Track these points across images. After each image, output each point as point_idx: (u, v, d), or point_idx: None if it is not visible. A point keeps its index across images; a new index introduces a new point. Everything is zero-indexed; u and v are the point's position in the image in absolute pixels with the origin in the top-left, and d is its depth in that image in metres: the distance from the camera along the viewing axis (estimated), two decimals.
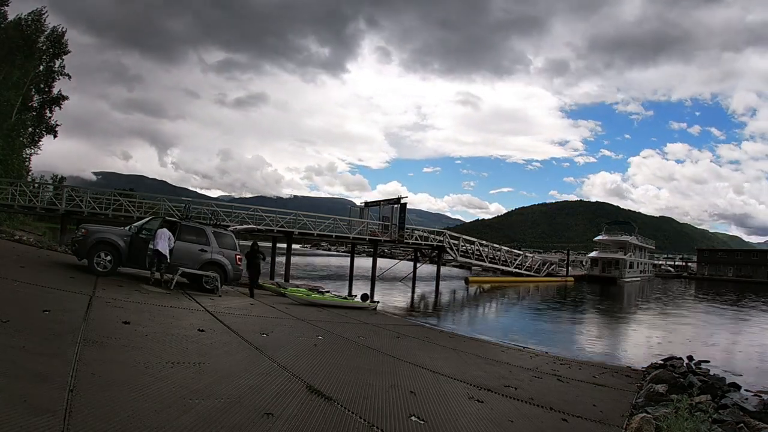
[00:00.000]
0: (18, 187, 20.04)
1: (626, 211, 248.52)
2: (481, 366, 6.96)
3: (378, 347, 7.22)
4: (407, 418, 3.88)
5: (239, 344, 5.89)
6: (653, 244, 61.07)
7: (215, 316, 7.53)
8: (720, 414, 4.96)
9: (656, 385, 6.24)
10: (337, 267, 38.53)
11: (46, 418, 2.64)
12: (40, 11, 29.48)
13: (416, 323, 12.49)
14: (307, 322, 8.87)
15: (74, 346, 4.24)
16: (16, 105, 27.84)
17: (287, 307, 10.66)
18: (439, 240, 29.22)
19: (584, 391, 6.08)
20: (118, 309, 6.52)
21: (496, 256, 34.38)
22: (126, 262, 9.96)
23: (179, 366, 4.35)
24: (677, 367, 8.10)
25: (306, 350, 6.25)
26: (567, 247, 71.03)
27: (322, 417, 3.58)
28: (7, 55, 26.89)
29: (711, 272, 63.67)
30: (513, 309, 20.13)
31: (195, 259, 10.48)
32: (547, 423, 4.48)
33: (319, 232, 24.18)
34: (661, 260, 79.83)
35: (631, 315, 20.61)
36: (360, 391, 4.48)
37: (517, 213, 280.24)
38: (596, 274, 44.61)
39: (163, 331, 5.83)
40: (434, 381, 5.50)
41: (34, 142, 31.86)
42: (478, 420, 4.22)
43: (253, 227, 20.48)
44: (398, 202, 27.19)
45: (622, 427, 4.56)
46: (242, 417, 3.28)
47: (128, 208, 21.01)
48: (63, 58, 31.07)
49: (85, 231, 9.78)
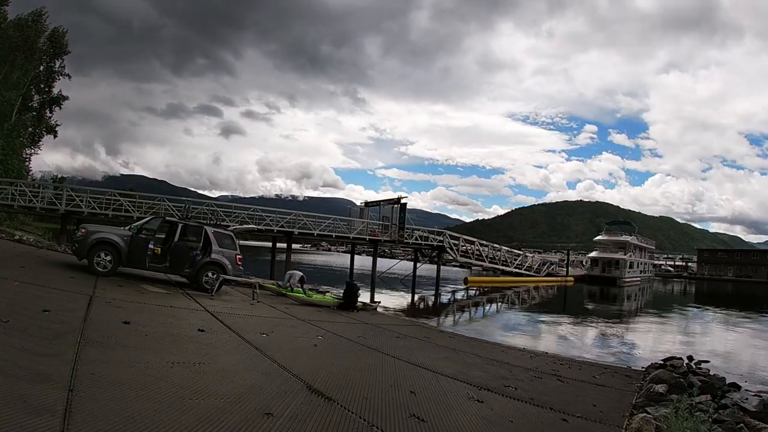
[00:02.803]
0: (18, 187, 20.05)
1: (626, 211, 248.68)
2: (481, 366, 6.95)
3: (378, 347, 7.22)
4: (407, 418, 3.88)
5: (239, 344, 5.89)
6: (653, 244, 61.07)
7: (215, 316, 7.53)
8: (720, 414, 4.95)
9: (656, 385, 6.23)
10: (338, 267, 38.52)
11: (46, 418, 2.64)
12: (40, 11, 29.46)
13: (416, 323, 12.49)
14: (307, 322, 8.87)
15: (74, 346, 4.24)
16: (16, 105, 27.84)
17: (287, 307, 10.67)
18: (439, 240, 29.22)
19: (584, 391, 6.08)
20: (118, 309, 6.52)
21: (496, 256, 34.36)
22: (126, 262, 9.95)
23: (179, 366, 4.35)
24: (677, 367, 8.09)
25: (306, 350, 6.25)
26: (567, 247, 71.09)
27: (322, 417, 3.58)
28: (8, 55, 26.89)
29: (711, 272, 63.68)
30: (513, 309, 20.13)
31: (194, 259, 10.49)
32: (547, 423, 4.48)
33: (319, 232, 24.20)
34: (661, 260, 79.85)
35: (631, 315, 20.62)
36: (360, 391, 4.48)
37: (517, 213, 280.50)
38: (596, 274, 44.59)
39: (163, 331, 5.83)
40: (434, 381, 5.50)
41: (34, 142, 31.89)
42: (478, 420, 4.22)
43: (253, 227, 20.51)
44: (398, 202, 27.20)
45: (622, 427, 4.56)
46: (242, 417, 3.28)
47: (128, 208, 21.02)
48: (63, 58, 31.12)
49: (84, 231, 9.78)
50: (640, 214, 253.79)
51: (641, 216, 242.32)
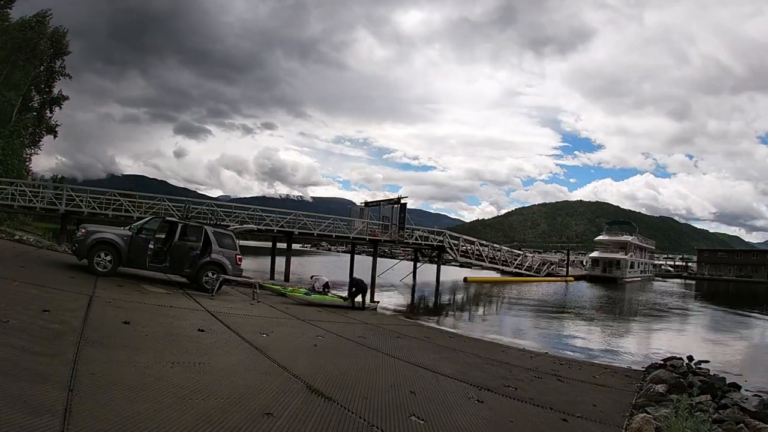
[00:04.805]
0: (18, 187, 20.05)
1: (626, 211, 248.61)
2: (481, 366, 6.95)
3: (378, 347, 7.22)
4: (407, 418, 3.88)
5: (239, 344, 5.89)
6: (653, 244, 61.10)
7: (215, 316, 7.53)
8: (720, 414, 4.95)
9: (656, 385, 6.23)
10: (338, 266, 38.51)
11: (46, 418, 2.64)
12: (45, 13, 29.39)
13: (416, 323, 12.49)
14: (307, 322, 8.87)
15: (74, 346, 4.24)
16: (17, 105, 27.83)
17: (287, 307, 10.67)
18: (439, 240, 29.23)
19: (584, 391, 6.08)
20: (118, 309, 6.52)
21: (496, 256, 34.38)
22: (126, 262, 9.95)
23: (179, 366, 4.35)
24: (677, 367, 8.09)
25: (306, 350, 6.25)
26: (567, 247, 71.08)
27: (321, 417, 3.58)
28: (9, 56, 26.87)
29: (711, 272, 63.66)
30: (512, 309, 20.12)
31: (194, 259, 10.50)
32: (547, 423, 4.48)
33: (319, 232, 24.20)
34: (661, 260, 79.86)
35: (631, 315, 20.62)
36: (360, 391, 4.48)
37: (517, 213, 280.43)
38: (597, 274, 44.63)
39: (163, 331, 5.83)
40: (434, 381, 5.50)
41: (34, 143, 31.88)
42: (478, 420, 4.22)
43: (252, 227, 20.52)
44: (398, 202, 27.20)
45: (622, 427, 4.56)
46: (242, 417, 3.28)
47: (128, 208, 21.02)
48: (64, 58, 31.09)
49: (84, 231, 9.78)
50: (640, 214, 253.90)
51: (641, 216, 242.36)
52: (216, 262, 10.65)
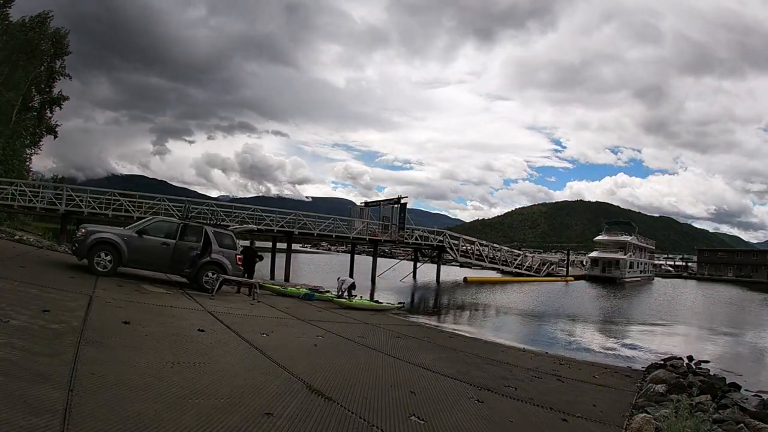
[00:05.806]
0: (18, 187, 20.05)
1: (626, 211, 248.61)
2: (481, 366, 6.95)
3: (378, 347, 7.22)
4: (407, 418, 3.88)
5: (239, 344, 5.89)
6: (653, 244, 61.06)
7: (215, 316, 7.53)
8: (720, 414, 4.95)
9: (656, 385, 6.24)
10: (338, 265, 38.49)
11: (46, 418, 2.64)
12: (46, 14, 29.38)
13: (416, 323, 12.48)
14: (307, 322, 8.87)
15: (74, 346, 4.24)
16: (17, 105, 27.84)
17: (287, 307, 10.67)
18: (439, 240, 29.24)
19: (584, 391, 6.08)
20: (118, 309, 6.52)
21: (496, 256, 34.39)
22: (126, 262, 9.95)
23: (179, 366, 4.35)
24: (677, 367, 8.10)
25: (306, 350, 6.25)
26: (567, 247, 71.07)
27: (321, 417, 3.58)
28: (9, 56, 26.87)
29: (711, 272, 63.63)
30: (512, 309, 20.11)
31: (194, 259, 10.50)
32: (547, 423, 4.48)
33: (319, 232, 24.20)
34: (661, 260, 79.81)
35: (631, 316, 20.60)
36: (360, 391, 4.48)
37: (517, 213, 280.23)
38: (596, 274, 44.63)
39: (163, 331, 5.83)
40: (434, 381, 5.50)
41: (34, 143, 31.88)
42: (478, 420, 4.22)
43: (252, 227, 20.53)
44: (398, 202, 27.22)
45: (622, 427, 4.56)
46: (242, 417, 3.28)
47: (128, 208, 21.03)
48: (64, 58, 31.10)
49: (84, 231, 9.78)
50: (640, 214, 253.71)
51: (641, 216, 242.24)
52: (216, 262, 10.65)
